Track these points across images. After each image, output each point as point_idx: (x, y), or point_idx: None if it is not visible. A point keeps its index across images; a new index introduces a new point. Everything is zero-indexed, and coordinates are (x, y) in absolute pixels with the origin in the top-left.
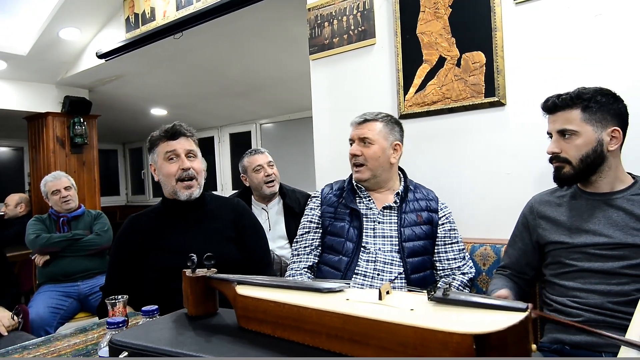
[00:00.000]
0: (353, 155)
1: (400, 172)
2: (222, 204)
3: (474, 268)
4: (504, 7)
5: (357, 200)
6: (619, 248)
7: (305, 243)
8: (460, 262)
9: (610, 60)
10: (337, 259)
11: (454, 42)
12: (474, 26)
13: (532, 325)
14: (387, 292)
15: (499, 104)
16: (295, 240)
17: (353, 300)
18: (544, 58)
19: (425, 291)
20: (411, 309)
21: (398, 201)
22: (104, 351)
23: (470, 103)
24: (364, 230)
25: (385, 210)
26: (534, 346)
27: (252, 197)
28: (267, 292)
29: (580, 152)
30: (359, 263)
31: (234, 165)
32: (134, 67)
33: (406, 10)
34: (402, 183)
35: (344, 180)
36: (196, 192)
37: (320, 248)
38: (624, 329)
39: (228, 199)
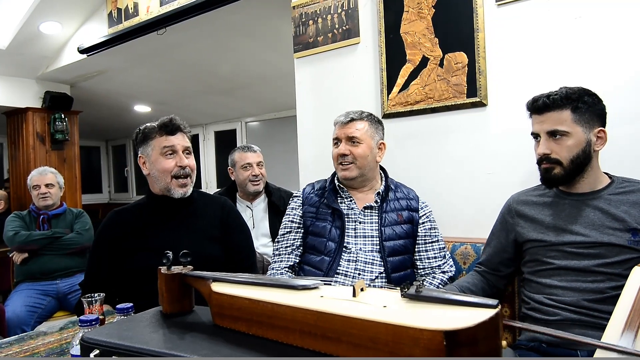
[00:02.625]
0: (341, 155)
1: (381, 172)
2: (209, 202)
3: (454, 267)
4: (486, 8)
5: (339, 200)
6: (595, 246)
7: (287, 243)
8: (441, 260)
9: (590, 62)
10: (318, 259)
11: (437, 42)
12: (456, 27)
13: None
14: (362, 289)
15: (481, 104)
16: (276, 240)
17: (327, 297)
18: (525, 59)
19: (399, 288)
20: (384, 306)
21: (379, 201)
22: (76, 349)
23: (453, 103)
24: (346, 231)
25: (366, 210)
26: (504, 342)
27: (237, 194)
28: (243, 289)
29: (571, 153)
30: (340, 263)
31: (218, 163)
32: (117, 62)
33: (390, 10)
34: (383, 182)
35: (326, 180)
36: (190, 190)
37: (301, 248)
38: (598, 327)
39: (215, 197)
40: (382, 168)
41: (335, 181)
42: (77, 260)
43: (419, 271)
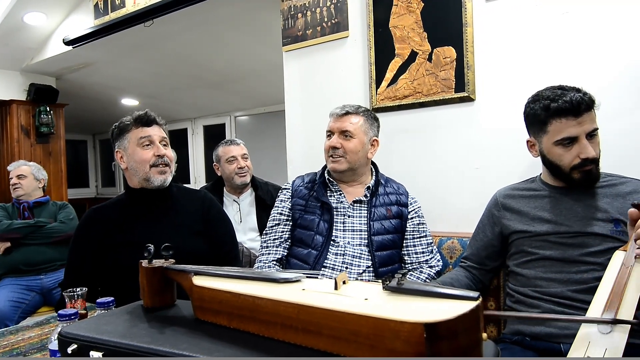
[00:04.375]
0: (332, 148)
1: (372, 166)
2: (189, 196)
3: (441, 261)
4: (474, 3)
5: (329, 194)
6: (579, 236)
7: (275, 235)
8: (428, 255)
9: (578, 58)
10: (306, 252)
11: (426, 36)
12: (445, 21)
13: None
14: (344, 282)
15: (469, 99)
16: (264, 232)
17: (309, 290)
18: (513, 54)
19: (380, 281)
20: (365, 299)
21: (368, 195)
22: (54, 344)
23: (441, 98)
24: (334, 224)
25: (355, 204)
26: (484, 335)
27: (224, 188)
28: (224, 282)
29: (599, 148)
30: (327, 256)
31: (207, 158)
32: (104, 55)
33: (379, 4)
34: (374, 177)
35: (316, 173)
36: (169, 179)
37: (289, 240)
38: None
39: (195, 191)
40: (373, 163)
41: (326, 175)
42: (61, 251)
43: (406, 266)
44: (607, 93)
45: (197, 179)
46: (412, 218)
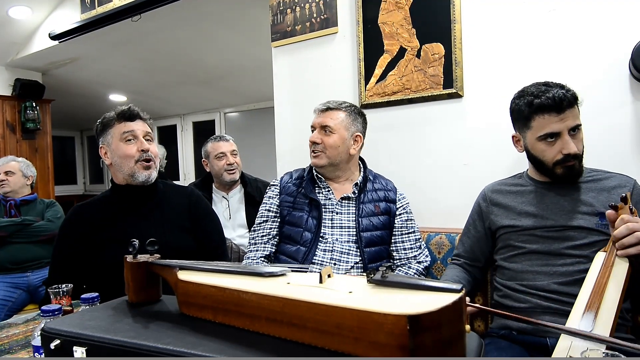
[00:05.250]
0: (313, 143)
1: (360, 163)
2: (175, 193)
3: (429, 257)
4: None
5: (317, 191)
6: (565, 230)
7: (263, 232)
8: (417, 251)
9: (563, 55)
10: (294, 249)
11: (415, 33)
12: (433, 18)
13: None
14: (329, 276)
15: (457, 95)
16: (252, 228)
17: (294, 284)
18: (500, 51)
19: (365, 274)
20: (349, 292)
21: (356, 192)
22: (37, 340)
23: (429, 94)
24: (323, 221)
25: (343, 201)
26: (467, 327)
27: (213, 185)
28: (209, 277)
29: (582, 144)
30: (316, 253)
31: (197, 154)
32: (91, 50)
33: (368, 0)
34: (362, 173)
35: (304, 169)
36: (154, 174)
37: (277, 237)
38: (567, 314)
39: (182, 187)
40: (361, 159)
41: (314, 171)
42: (48, 249)
43: (395, 261)
44: (593, 90)
45: (187, 176)
46: (400, 214)
